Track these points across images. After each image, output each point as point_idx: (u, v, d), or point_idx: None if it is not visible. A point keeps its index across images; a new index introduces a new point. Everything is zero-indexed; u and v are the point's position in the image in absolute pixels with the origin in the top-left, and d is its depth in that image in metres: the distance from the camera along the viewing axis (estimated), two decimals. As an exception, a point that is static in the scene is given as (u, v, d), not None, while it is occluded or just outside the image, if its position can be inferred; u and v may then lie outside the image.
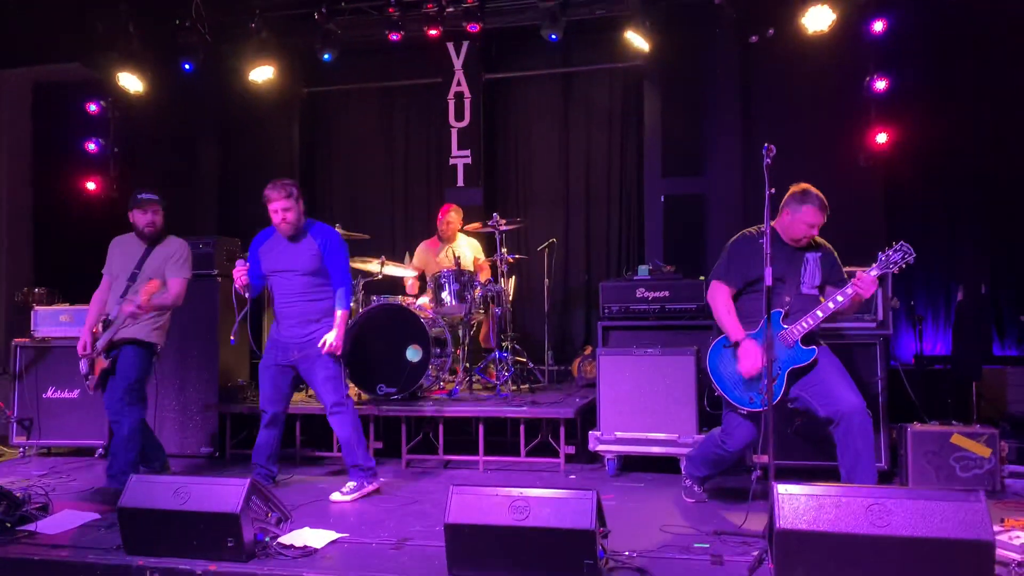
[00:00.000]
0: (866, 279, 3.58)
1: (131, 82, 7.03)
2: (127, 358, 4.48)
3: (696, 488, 4.20)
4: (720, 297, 3.87)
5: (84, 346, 4.52)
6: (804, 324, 3.67)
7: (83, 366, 4.57)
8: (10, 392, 5.88)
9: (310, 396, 5.83)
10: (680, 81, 6.90)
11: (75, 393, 5.74)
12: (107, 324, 4.50)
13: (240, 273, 4.29)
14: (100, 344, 4.48)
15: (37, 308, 5.94)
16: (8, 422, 5.84)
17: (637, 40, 6.42)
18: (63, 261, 7.90)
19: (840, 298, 3.64)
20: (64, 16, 6.91)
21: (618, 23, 6.59)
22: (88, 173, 7.57)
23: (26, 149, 8.21)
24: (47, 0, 6.68)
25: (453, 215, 6.51)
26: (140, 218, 4.57)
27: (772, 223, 3.83)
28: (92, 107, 7.47)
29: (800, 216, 3.73)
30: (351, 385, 5.44)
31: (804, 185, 3.78)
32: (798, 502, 2.81)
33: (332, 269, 4.41)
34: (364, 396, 5.52)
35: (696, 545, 3.38)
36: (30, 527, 3.69)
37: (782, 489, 2.85)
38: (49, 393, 5.78)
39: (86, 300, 4.78)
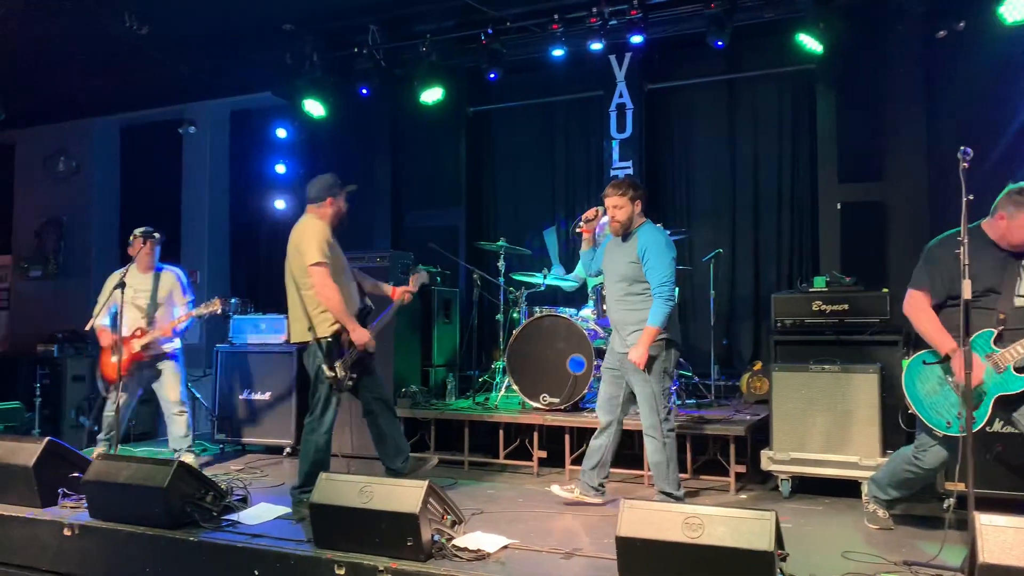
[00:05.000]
0: None
1: (315, 107, 7.58)
2: None
3: (880, 513, 3.94)
4: (919, 307, 3.54)
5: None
6: (1019, 350, 3.29)
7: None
8: (211, 393, 6.50)
9: (476, 404, 6.01)
10: (856, 82, 6.52)
11: (267, 395, 6.24)
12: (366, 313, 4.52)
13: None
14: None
15: (235, 316, 6.51)
16: (211, 420, 6.46)
17: (810, 42, 6.15)
18: (255, 273, 8.66)
19: None
20: (257, 49, 7.56)
21: (787, 26, 6.34)
22: (278, 192, 8.24)
23: (224, 172, 9.11)
24: (243, 37, 7.33)
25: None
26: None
27: (982, 223, 3.49)
28: (281, 132, 8.14)
29: (1019, 222, 3.35)
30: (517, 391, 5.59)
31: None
32: (1005, 535, 2.58)
33: (650, 276, 4.21)
34: (529, 404, 5.63)
35: (883, 574, 3.18)
36: (232, 516, 4.06)
37: (985, 520, 2.63)
38: (244, 394, 6.32)
39: (277, 309, 5.14)
